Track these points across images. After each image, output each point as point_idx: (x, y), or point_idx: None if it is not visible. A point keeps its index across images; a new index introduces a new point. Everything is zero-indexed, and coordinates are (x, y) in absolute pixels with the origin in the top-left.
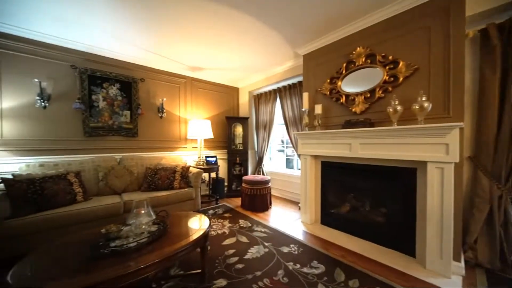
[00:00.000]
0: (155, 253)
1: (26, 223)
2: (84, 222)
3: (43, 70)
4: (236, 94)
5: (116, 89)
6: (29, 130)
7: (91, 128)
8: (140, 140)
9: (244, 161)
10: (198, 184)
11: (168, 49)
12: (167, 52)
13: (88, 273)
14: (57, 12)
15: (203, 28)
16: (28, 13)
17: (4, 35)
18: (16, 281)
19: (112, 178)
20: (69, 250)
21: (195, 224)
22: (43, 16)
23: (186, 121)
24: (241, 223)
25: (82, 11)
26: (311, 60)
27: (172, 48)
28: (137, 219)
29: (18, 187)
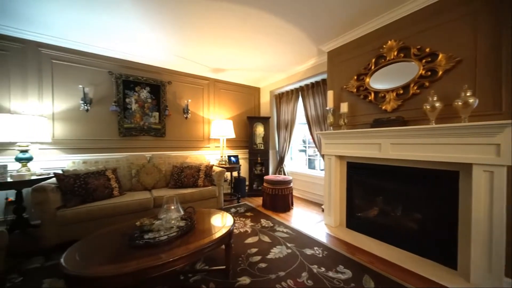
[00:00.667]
0: (183, 247)
1: (74, 213)
2: (120, 215)
3: (86, 77)
4: (257, 94)
5: (147, 92)
6: (74, 131)
7: (125, 129)
8: (167, 140)
9: (265, 161)
10: (221, 183)
11: (193, 52)
12: (192, 55)
13: (127, 261)
14: (99, 24)
15: (225, 30)
16: (73, 25)
17: (56, 48)
18: (68, 265)
19: (143, 175)
20: (109, 239)
21: (220, 222)
22: (87, 27)
23: (209, 121)
24: (263, 222)
25: (120, 22)
26: (336, 57)
27: (196, 51)
28: (167, 214)
29: (67, 182)
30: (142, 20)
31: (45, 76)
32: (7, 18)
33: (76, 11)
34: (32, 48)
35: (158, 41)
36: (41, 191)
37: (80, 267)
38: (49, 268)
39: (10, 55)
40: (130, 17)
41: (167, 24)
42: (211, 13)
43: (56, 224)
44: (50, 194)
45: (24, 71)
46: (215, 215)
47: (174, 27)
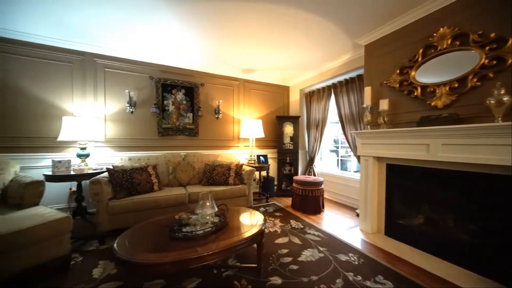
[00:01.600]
0: (218, 243)
1: (122, 204)
2: (159, 208)
3: (131, 82)
4: (287, 92)
5: (182, 94)
6: (121, 131)
7: (163, 129)
8: (200, 139)
9: (294, 161)
10: (251, 182)
11: (224, 54)
12: (223, 57)
13: (168, 251)
14: (143, 33)
15: (255, 29)
16: (122, 36)
17: (108, 57)
18: (120, 250)
19: (179, 172)
20: (152, 230)
21: (252, 220)
22: (133, 36)
23: (239, 121)
24: (292, 223)
25: (160, 30)
26: (375, 50)
27: (227, 52)
28: (202, 210)
29: (116, 176)
30: (179, 23)
31: (99, 83)
32: (72, 33)
33: (125, 22)
34: (89, 59)
35: (193, 44)
36: (97, 183)
37: (129, 253)
38: (103, 251)
39: (74, 66)
40: (168, 21)
41: (201, 27)
42: (242, 13)
43: (108, 213)
44: (104, 187)
45: (83, 79)
46: (247, 214)
47: (206, 28)
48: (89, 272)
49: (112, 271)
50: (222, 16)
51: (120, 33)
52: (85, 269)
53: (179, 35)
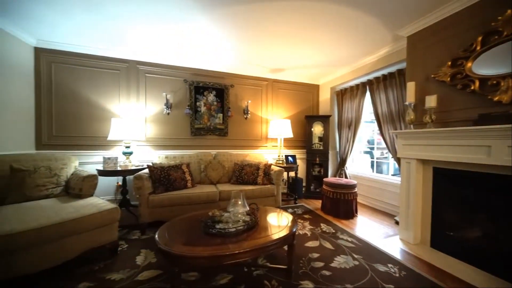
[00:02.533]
0: (249, 242)
1: (160, 198)
2: (192, 204)
3: (168, 86)
4: (316, 91)
5: (213, 96)
6: (159, 131)
7: (195, 129)
8: (230, 139)
9: (324, 162)
10: (279, 182)
11: (254, 54)
12: (253, 58)
13: (203, 246)
14: (179, 40)
15: (285, 27)
16: (158, 44)
17: (149, 64)
18: (160, 241)
19: (210, 170)
20: (188, 224)
21: (282, 221)
22: (170, 44)
23: (267, 121)
24: (323, 227)
25: (196, 37)
26: (420, 41)
27: (257, 53)
28: (234, 208)
29: (155, 173)
30: (213, 27)
31: (141, 87)
32: (119, 44)
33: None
34: (133, 66)
35: (225, 47)
36: (139, 179)
37: (169, 245)
38: (145, 240)
39: (120, 73)
40: (203, 28)
41: (233, 29)
42: (273, 12)
43: (148, 206)
44: (145, 182)
45: (128, 84)
46: (277, 214)
47: (238, 30)
48: (133, 258)
49: (152, 260)
50: (253, 17)
51: (160, 42)
52: (130, 255)
53: (213, 39)
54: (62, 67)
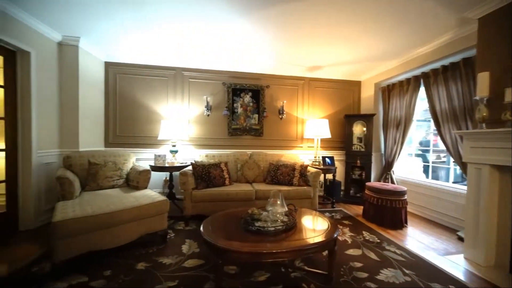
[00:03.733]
0: (287, 242)
1: (201, 194)
2: (230, 201)
3: (208, 89)
4: (357, 88)
5: (249, 97)
6: (200, 131)
7: (232, 129)
8: (265, 139)
9: (366, 165)
10: (316, 184)
11: (291, 53)
12: (289, 57)
13: (243, 242)
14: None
15: (326, 23)
16: (201, 51)
17: (192, 70)
18: (205, 233)
19: (246, 170)
20: (229, 220)
21: (322, 225)
22: (211, 49)
23: (303, 121)
24: (365, 235)
25: (234, 40)
26: (495, 23)
27: (294, 52)
28: (273, 208)
29: (198, 170)
30: (251, 28)
31: (185, 91)
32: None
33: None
34: (179, 73)
35: (261, 48)
36: (184, 175)
37: (213, 237)
38: (188, 231)
39: (168, 79)
40: (241, 30)
41: (271, 30)
42: (313, 11)
43: (191, 200)
44: (189, 178)
45: (174, 89)
46: (316, 217)
47: (276, 31)
48: (179, 246)
49: (195, 250)
50: (294, 18)
51: (202, 47)
52: (176, 243)
53: (250, 41)
54: (123, 77)
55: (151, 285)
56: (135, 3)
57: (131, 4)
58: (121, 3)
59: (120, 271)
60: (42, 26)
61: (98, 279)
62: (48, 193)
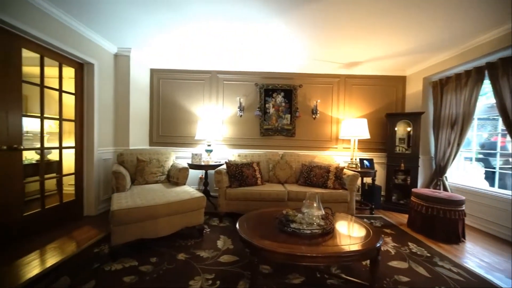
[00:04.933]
0: (324, 247)
1: (234, 192)
2: (262, 200)
3: (241, 90)
4: (401, 84)
5: (281, 97)
6: (233, 131)
7: (264, 130)
8: (297, 140)
9: (413, 169)
10: (353, 188)
11: (326, 51)
12: (324, 55)
13: (279, 242)
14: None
15: (366, 14)
16: (236, 54)
17: (226, 72)
18: (241, 230)
19: (278, 170)
20: (264, 219)
21: (363, 231)
22: (245, 52)
23: (338, 121)
24: (412, 247)
25: (268, 41)
26: None
27: (330, 48)
28: (309, 210)
29: (231, 169)
30: (287, 28)
31: (219, 93)
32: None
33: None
34: (214, 76)
35: (295, 46)
36: (219, 173)
37: (249, 235)
38: (222, 228)
39: (205, 82)
40: (276, 30)
41: (306, 27)
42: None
43: (225, 198)
44: (224, 176)
45: (210, 91)
46: (355, 223)
47: (311, 28)
48: (215, 241)
49: (230, 246)
50: (329, 12)
51: (236, 51)
52: (212, 238)
53: (284, 40)
54: (165, 82)
55: (191, 275)
56: (179, 14)
57: (177, 17)
58: (167, 14)
59: (164, 259)
60: (102, 41)
61: (146, 265)
62: (105, 185)
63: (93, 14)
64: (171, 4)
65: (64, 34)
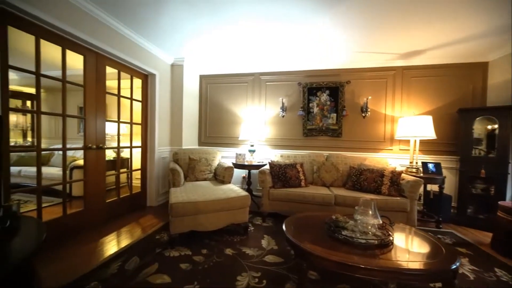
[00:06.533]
0: (382, 260)
1: (278, 193)
2: (306, 203)
3: (283, 90)
4: (480, 72)
5: (326, 96)
6: (275, 132)
7: (307, 130)
8: (344, 140)
9: (498, 177)
10: (414, 196)
11: (377, 42)
12: (376, 46)
13: (329, 248)
14: (294, 45)
15: None
16: (278, 54)
17: (269, 73)
18: (288, 233)
19: (323, 172)
20: (311, 223)
21: (432, 248)
22: (288, 51)
23: (394, 119)
24: (500, 274)
25: (312, 37)
26: None
27: (382, 39)
28: (363, 217)
29: (275, 169)
30: (331, 23)
31: (262, 94)
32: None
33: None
34: (257, 78)
35: (341, 40)
36: (263, 173)
37: (296, 238)
38: (266, 227)
39: (248, 84)
40: (321, 24)
41: (355, 19)
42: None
43: (269, 198)
44: (267, 177)
45: (253, 93)
46: (421, 237)
47: (360, 17)
48: (259, 240)
49: (274, 247)
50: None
51: (279, 51)
52: (256, 237)
53: (329, 35)
54: (212, 86)
55: (238, 271)
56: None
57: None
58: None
59: (213, 252)
60: (162, 53)
61: (198, 255)
62: (163, 180)
63: (156, 31)
64: (215, 8)
65: (135, 51)
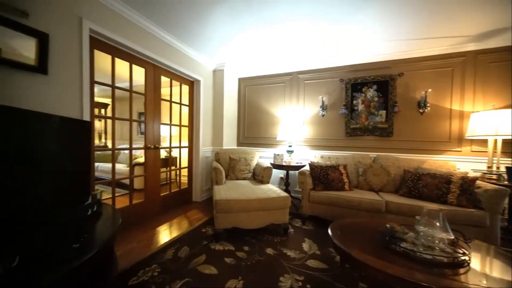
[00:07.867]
0: (454, 282)
1: (319, 195)
2: (351, 208)
3: (323, 88)
4: None
5: (373, 91)
6: (315, 132)
7: (351, 129)
8: (395, 140)
9: None
10: (497, 208)
11: (438, 25)
12: (435, 31)
13: (384, 260)
14: (337, 39)
15: None
16: (318, 50)
17: (307, 72)
18: (335, 239)
19: (370, 175)
20: (361, 230)
21: None
22: (328, 46)
23: (463, 114)
24: None
25: (357, 29)
26: None
27: (445, 21)
28: (427, 229)
29: (315, 170)
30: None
31: (300, 94)
32: (287, 62)
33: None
34: (295, 77)
35: (393, 30)
36: (303, 174)
37: (345, 245)
38: (306, 230)
39: (285, 84)
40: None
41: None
42: None
43: (309, 201)
44: (307, 178)
45: (291, 92)
46: (508, 259)
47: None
48: (300, 243)
49: (316, 251)
50: None
51: (319, 47)
52: (296, 239)
53: (377, 25)
54: (250, 88)
55: (280, 272)
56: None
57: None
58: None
59: (255, 250)
60: (207, 60)
61: (240, 251)
62: (206, 178)
63: (200, 40)
64: (256, 8)
65: (184, 60)
